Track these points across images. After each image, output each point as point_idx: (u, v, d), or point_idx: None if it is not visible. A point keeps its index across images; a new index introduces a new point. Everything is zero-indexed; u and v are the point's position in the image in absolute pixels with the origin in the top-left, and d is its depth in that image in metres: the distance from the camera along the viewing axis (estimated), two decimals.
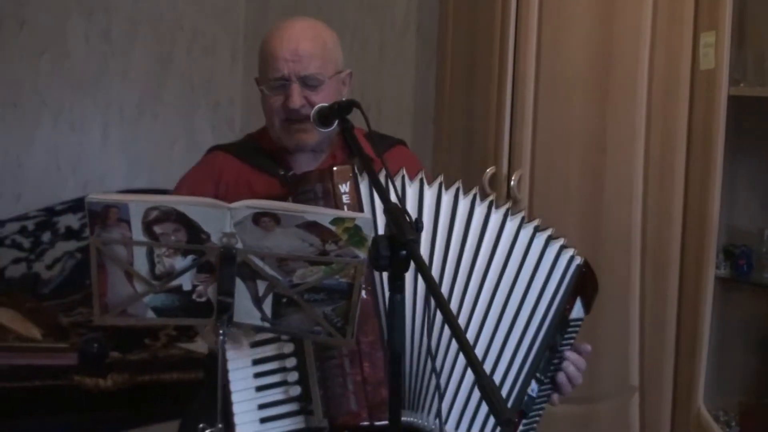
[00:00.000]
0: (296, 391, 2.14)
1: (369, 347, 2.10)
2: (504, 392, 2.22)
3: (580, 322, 2.36)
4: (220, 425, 1.97)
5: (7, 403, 3.36)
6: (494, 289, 2.23)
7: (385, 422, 2.04)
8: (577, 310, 2.35)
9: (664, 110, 3.23)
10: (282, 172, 2.40)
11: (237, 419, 2.12)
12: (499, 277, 2.24)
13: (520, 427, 2.26)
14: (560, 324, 2.29)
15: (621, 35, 3.32)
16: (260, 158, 2.46)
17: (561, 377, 2.32)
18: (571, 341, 2.35)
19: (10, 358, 3.51)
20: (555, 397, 2.35)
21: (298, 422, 2.14)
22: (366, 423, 2.06)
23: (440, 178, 2.26)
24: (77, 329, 3.98)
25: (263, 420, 2.13)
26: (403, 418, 2.10)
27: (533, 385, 2.26)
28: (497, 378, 2.22)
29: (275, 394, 2.15)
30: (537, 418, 2.31)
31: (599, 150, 3.37)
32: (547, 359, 2.29)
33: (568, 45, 3.43)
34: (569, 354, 2.33)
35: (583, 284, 2.35)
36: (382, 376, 2.09)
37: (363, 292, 2.11)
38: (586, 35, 3.40)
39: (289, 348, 2.15)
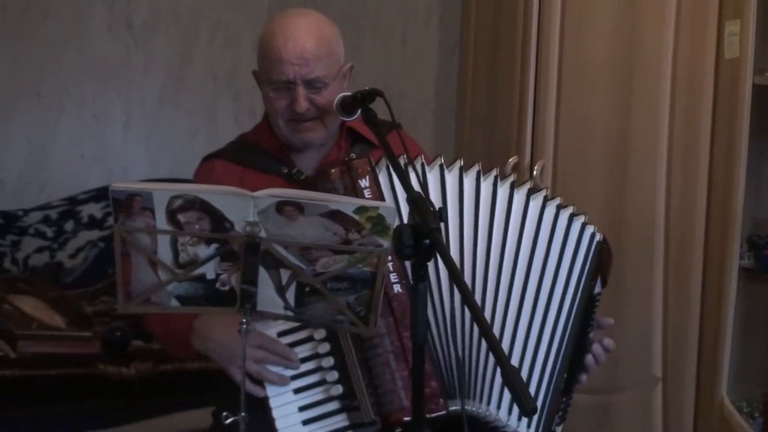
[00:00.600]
0: (338, 390, 2.16)
1: (411, 341, 2.11)
2: (546, 376, 2.25)
3: (599, 296, 2.38)
4: (242, 413, 1.98)
5: (31, 390, 3.38)
6: (527, 270, 2.25)
7: (439, 413, 2.08)
8: (598, 286, 2.37)
9: (688, 99, 3.22)
10: (285, 170, 2.40)
11: (278, 424, 2.15)
12: (530, 258, 2.26)
13: (562, 406, 2.29)
14: (588, 301, 2.30)
15: (645, 23, 3.30)
16: (260, 159, 2.44)
17: (588, 359, 2.34)
18: (594, 317, 2.36)
19: (35, 347, 3.52)
20: (584, 377, 2.36)
21: (341, 420, 2.16)
22: None
23: (460, 162, 2.27)
24: (100, 318, 3.99)
25: (306, 422, 2.15)
26: (452, 408, 2.12)
27: (574, 370, 2.30)
28: (539, 362, 2.24)
29: (315, 395, 2.17)
30: (572, 394, 2.33)
31: (623, 139, 3.36)
32: (581, 338, 2.30)
33: (592, 33, 3.42)
34: (593, 334, 2.35)
35: (604, 260, 2.37)
36: (428, 369, 2.09)
37: (398, 287, 2.12)
38: (610, 23, 3.38)
39: (324, 348, 2.17)
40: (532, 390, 2.21)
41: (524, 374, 2.21)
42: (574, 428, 3.41)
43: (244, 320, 1.95)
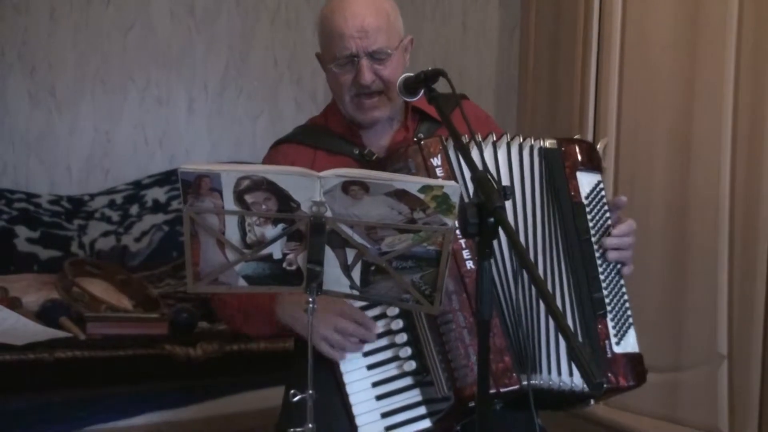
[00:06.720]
0: (411, 366, 2.19)
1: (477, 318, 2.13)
2: (580, 305, 2.21)
3: (599, 187, 2.31)
4: (310, 391, 2.00)
5: (100, 371, 3.43)
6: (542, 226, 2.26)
7: (513, 387, 2.09)
8: (587, 181, 2.29)
9: (753, 77, 3.18)
10: (357, 151, 2.42)
11: (352, 399, 2.18)
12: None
13: (611, 327, 2.23)
14: (573, 215, 2.26)
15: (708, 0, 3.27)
16: (331, 140, 2.47)
17: (611, 255, 2.26)
18: (606, 213, 2.29)
19: (103, 328, 3.57)
20: (625, 269, 2.30)
21: (414, 396, 2.20)
22: (493, 391, 2.08)
23: (506, 138, 2.27)
24: (166, 300, 4.04)
25: (379, 397, 2.19)
26: (525, 383, 2.12)
27: (599, 285, 2.24)
28: (574, 303, 2.21)
29: (389, 370, 2.21)
30: (625, 307, 2.27)
31: (686, 117, 3.33)
32: (590, 252, 2.25)
33: (654, 12, 3.39)
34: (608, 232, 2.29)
35: (567, 159, 2.29)
36: (501, 343, 2.13)
37: (471, 263, 2.14)
38: (673, 1, 3.36)
39: (398, 324, 2.21)
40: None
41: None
42: (639, 406, 3.41)
43: (311, 299, 1.97)
